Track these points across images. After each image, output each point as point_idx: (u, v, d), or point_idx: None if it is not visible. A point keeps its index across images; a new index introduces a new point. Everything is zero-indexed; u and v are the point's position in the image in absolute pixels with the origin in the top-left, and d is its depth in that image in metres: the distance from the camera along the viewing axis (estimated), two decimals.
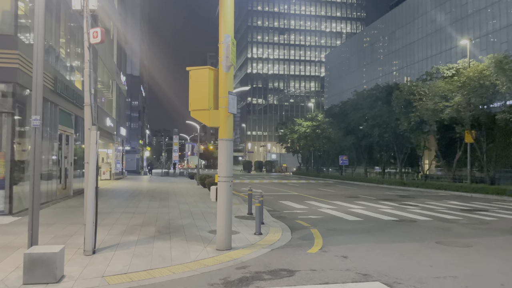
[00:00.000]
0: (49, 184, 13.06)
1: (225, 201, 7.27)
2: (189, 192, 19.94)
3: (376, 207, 15.23)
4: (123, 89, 35.14)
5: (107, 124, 25.39)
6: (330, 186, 29.78)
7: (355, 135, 35.21)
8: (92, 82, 6.99)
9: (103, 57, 23.80)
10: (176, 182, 29.93)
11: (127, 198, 15.83)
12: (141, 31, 62.33)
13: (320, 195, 21.39)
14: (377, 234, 9.39)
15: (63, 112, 14.77)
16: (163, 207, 13.11)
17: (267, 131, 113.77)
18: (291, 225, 10.36)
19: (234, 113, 7.42)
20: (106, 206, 12.98)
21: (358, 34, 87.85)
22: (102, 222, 9.55)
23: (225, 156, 7.36)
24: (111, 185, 24.47)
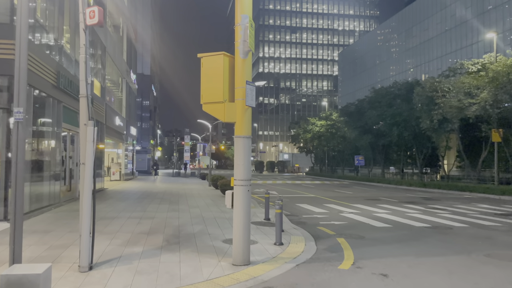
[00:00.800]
0: (51, 186, 12.22)
1: (242, 209, 6.25)
2: (200, 194, 19.00)
3: (402, 211, 14.08)
4: (133, 87, 34.42)
5: (116, 123, 24.62)
6: (346, 188, 28.59)
7: (372, 134, 33.91)
8: (89, 70, 6.02)
9: (112, 54, 23.03)
10: (187, 183, 29.06)
11: (135, 201, 14.94)
12: (152, 30, 61.77)
13: (338, 197, 20.27)
14: (413, 244, 8.28)
15: (68, 110, 13.94)
16: (172, 211, 12.16)
17: (279, 131, 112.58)
18: (314, 233, 9.31)
19: (252, 106, 6.40)
20: (112, 210, 12.08)
21: (372, 32, 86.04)
22: (104, 230, 8.62)
23: (243, 156, 6.34)
24: (121, 186, 23.68)
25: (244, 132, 6.34)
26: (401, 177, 33.89)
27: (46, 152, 11.96)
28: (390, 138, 30.92)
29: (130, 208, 12.54)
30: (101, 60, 19.91)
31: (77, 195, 15.36)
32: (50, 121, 12.10)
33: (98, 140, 17.71)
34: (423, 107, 25.41)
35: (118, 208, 12.60)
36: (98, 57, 19.28)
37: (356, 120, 36.25)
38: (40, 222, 9.49)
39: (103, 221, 9.82)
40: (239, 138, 6.35)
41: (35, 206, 11.06)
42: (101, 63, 19.96)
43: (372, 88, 33.69)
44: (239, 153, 6.36)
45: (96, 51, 18.73)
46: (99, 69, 19.65)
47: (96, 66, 19.05)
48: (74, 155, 15.10)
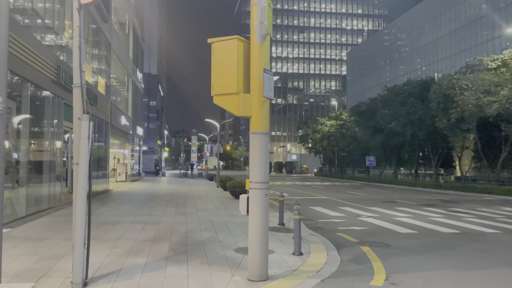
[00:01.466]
0: (51, 188, 11.51)
1: (259, 217, 5.43)
2: (208, 196, 18.23)
3: (423, 215, 13.17)
4: (139, 87, 33.79)
5: (122, 122, 23.95)
6: (358, 189, 27.67)
7: (384, 134, 32.89)
8: (84, 56, 5.26)
9: (117, 52, 22.36)
10: (195, 184, 28.32)
11: (140, 203, 14.19)
12: (159, 30, 61.26)
13: (352, 199, 19.38)
14: (448, 254, 7.41)
15: (70, 108, 13.22)
16: (180, 215, 11.38)
17: (286, 132, 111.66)
18: (334, 240, 8.47)
19: (270, 98, 5.59)
20: (115, 213, 11.33)
21: (382, 30, 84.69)
22: (105, 237, 7.86)
23: (260, 155, 5.53)
24: (126, 187, 22.99)
25: (261, 128, 5.53)
26: (415, 178, 32.83)
27: (46, 152, 11.26)
28: (403, 137, 29.91)
29: (135, 212, 11.78)
30: (106, 57, 19.24)
31: None
32: (50, 119, 11.39)
33: (95, 136, 17.01)
34: (440, 105, 24.40)
35: (122, 211, 11.85)
36: (103, 54, 18.60)
37: (367, 120, 35.27)
38: (36, 228, 8.76)
39: (104, 226, 9.06)
40: (255, 134, 5.54)
41: (33, 209, 10.35)
42: (106, 61, 19.28)
43: (385, 86, 32.68)
44: (255, 152, 5.54)
45: (100, 47, 18.06)
46: (104, 66, 18.97)
47: (101, 63, 18.37)
48: None
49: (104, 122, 18.71)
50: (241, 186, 16.43)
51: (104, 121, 18.77)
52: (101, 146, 18.34)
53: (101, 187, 18.31)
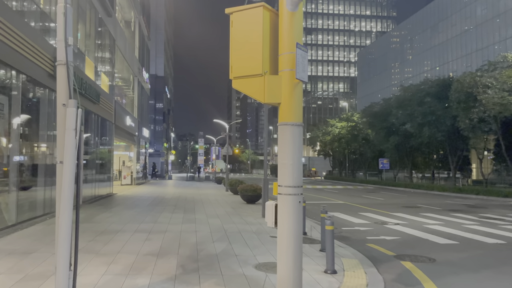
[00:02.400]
0: (48, 192, 10.46)
1: (292, 229, 4.31)
2: (218, 200, 17.12)
3: (455, 222, 11.96)
4: (145, 87, 32.85)
5: (127, 123, 22.96)
6: (373, 193, 26.43)
7: (399, 135, 31.59)
8: (70, 27, 4.17)
9: (122, 49, 21.40)
10: (202, 188, 27.25)
11: (145, 209, 13.12)
12: (166, 31, 60.48)
13: (370, 204, 18.17)
14: (509, 272, 6.22)
15: None
16: (188, 222, 10.28)
17: None
18: (367, 253, 7.32)
19: (304, 80, 4.46)
20: (117, 220, 10.25)
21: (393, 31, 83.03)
22: (102, 250, 6.76)
23: (292, 151, 4.40)
24: (131, 191, 21.97)
25: (293, 117, 4.41)
26: (432, 181, 31.46)
27: (41, 154, 10.23)
28: (420, 139, 28.61)
29: (139, 218, 10.69)
30: (110, 53, 18.27)
31: (80, 202, 13.61)
32: (46, 117, 10.36)
33: (98, 137, 15.99)
34: (461, 104, 23.12)
35: (125, 218, 10.77)
36: (107, 50, 17.63)
37: (381, 121, 34.00)
38: (25, 238, 7.71)
39: (104, 236, 7.98)
40: (286, 126, 4.41)
41: (26, 216, 9.31)
42: (110, 58, 18.31)
43: (400, 86, 31.41)
44: (286, 148, 4.41)
45: (104, 43, 17.09)
46: (108, 63, 17.99)
47: (104, 59, 17.40)
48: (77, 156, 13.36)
49: (107, 122, 17.71)
50: (253, 190, 15.31)
51: (108, 121, 17.77)
52: (104, 147, 17.33)
53: (104, 191, 17.29)
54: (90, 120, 14.70)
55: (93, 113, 14.93)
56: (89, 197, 14.69)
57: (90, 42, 15.15)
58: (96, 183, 15.67)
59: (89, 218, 10.32)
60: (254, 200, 15.51)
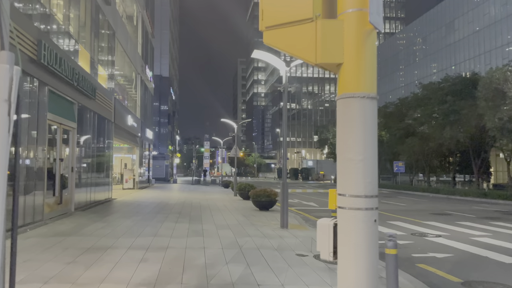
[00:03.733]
0: (30, 198, 8.89)
1: (364, 264, 2.67)
2: (227, 206, 15.49)
3: (505, 234, 10.27)
4: (149, 86, 31.38)
5: (129, 123, 21.44)
6: (392, 198, 24.71)
7: (416, 137, 29.84)
8: None
9: (123, 43, 19.92)
10: (209, 192, 25.64)
11: (145, 217, 11.52)
12: (171, 31, 59.17)
13: (394, 210, 16.47)
14: None
15: (57, 97, 10.68)
16: (194, 234, 8.65)
17: (301, 137, 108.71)
18: (424, 278, 5.71)
19: (380, 28, 2.82)
20: (110, 232, 8.65)
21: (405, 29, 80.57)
22: (82, 277, 5.13)
23: (363, 139, 2.77)
24: (133, 195, 20.41)
25: (364, 85, 2.79)
26: (453, 185, 29.61)
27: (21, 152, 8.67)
28: (440, 140, 26.83)
29: (136, 229, 9.09)
30: (109, 45, 16.76)
31: (73, 208, 12.05)
32: (28, 110, 8.82)
33: (95, 137, 14.47)
34: (488, 102, 21.36)
35: (120, 229, 9.17)
36: (105, 40, 16.12)
37: (396, 122, 32.28)
38: None
39: (89, 255, 6.37)
40: (353, 100, 2.78)
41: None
42: (109, 50, 16.80)
43: (420, 83, 29.65)
44: (353, 134, 2.78)
45: (102, 32, 15.58)
46: (106, 56, 16.48)
47: (102, 51, 15.89)
48: (69, 157, 11.82)
49: (106, 121, 16.18)
50: (266, 195, 13.65)
51: (107, 119, 16.24)
52: (102, 148, 15.79)
53: (102, 195, 15.73)
54: (84, 117, 13.16)
55: (88, 109, 13.40)
56: (83, 203, 13.13)
57: (85, 30, 13.65)
58: (91, 187, 14.11)
59: (77, 230, 8.73)
60: (268, 206, 13.86)
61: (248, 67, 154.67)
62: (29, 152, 8.97)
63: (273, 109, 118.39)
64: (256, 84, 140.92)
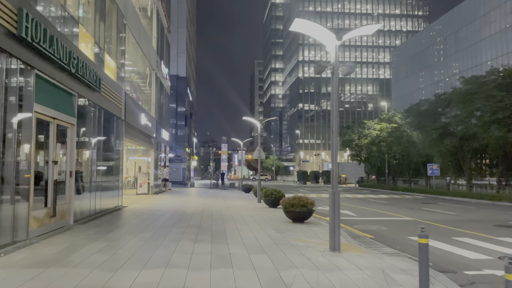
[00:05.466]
0: (6, 212, 6.88)
1: None
2: (253, 216, 13.29)
3: None
4: (165, 84, 29.52)
5: (142, 122, 19.51)
6: (431, 204, 22.12)
7: (456, 137, 27.12)
8: None
9: (136, 33, 18.01)
10: (229, 198, 23.51)
11: (157, 232, 9.42)
12: (188, 31, 57.50)
13: (446, 221, 14.04)
14: None
15: (51, 86, 8.71)
16: (220, 263, 6.48)
17: (320, 139, 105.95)
18: None
19: None
20: (107, 259, 6.56)
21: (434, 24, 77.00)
22: None
23: None
24: (146, 202, 18.43)
25: None
26: (498, 190, 26.75)
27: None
28: (486, 140, 24.10)
29: (143, 254, 6.97)
30: (118, 33, 14.82)
31: (72, 221, 10.04)
32: (7, 99, 6.83)
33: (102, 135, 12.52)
34: None
35: (122, 253, 7.07)
36: (113, 27, 14.18)
37: (432, 121, 29.58)
38: None
39: None
40: None
41: None
42: (118, 38, 14.86)
43: (462, 77, 26.92)
44: None
45: (109, 17, 13.64)
46: (115, 45, 14.54)
47: (111, 39, 13.95)
48: (67, 159, 9.84)
49: (115, 118, 14.22)
50: (302, 205, 11.41)
51: (116, 116, 14.29)
52: (110, 149, 13.83)
53: (110, 203, 13.76)
54: (87, 112, 11.19)
55: (92, 103, 11.43)
56: (86, 214, 11.14)
57: (88, 11, 11.71)
58: (97, 195, 12.13)
59: (66, 255, 6.66)
60: (303, 218, 11.62)
61: (265, 69, 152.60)
62: (10, 152, 6.98)
63: (291, 110, 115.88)
64: (274, 86, 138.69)
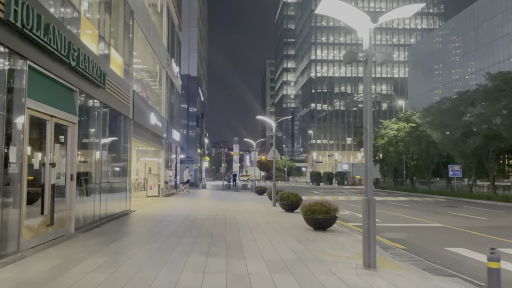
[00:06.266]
0: None
1: None
2: (270, 222, 12.29)
3: None
4: (176, 83, 28.70)
5: (152, 121, 18.66)
6: (457, 208, 20.83)
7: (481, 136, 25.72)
8: None
9: (145, 28, 17.18)
10: (243, 200, 22.54)
11: (165, 244, 8.48)
12: (199, 30, 56.82)
13: (479, 228, 12.82)
14: None
15: (47, 80, 7.85)
16: (237, 285, 5.50)
17: (333, 140, 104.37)
18: None
19: None
20: (104, 281, 5.62)
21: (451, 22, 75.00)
22: None
23: None
24: (155, 206, 17.56)
25: None
26: None
27: None
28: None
29: (146, 273, 6.02)
30: (125, 26, 13.97)
31: (73, 229, 9.17)
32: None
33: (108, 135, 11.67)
34: None
35: (122, 271, 6.13)
36: (120, 18, 13.33)
37: (453, 119, 28.22)
38: None
39: None
40: None
41: None
42: (125, 31, 14.01)
43: (488, 73, 25.54)
44: None
45: (115, 7, 12.80)
46: (122, 39, 13.69)
47: (117, 32, 13.10)
48: (66, 161, 8.97)
49: (122, 117, 13.37)
50: (324, 211, 10.36)
51: (123, 115, 13.44)
52: (117, 150, 12.98)
53: (117, 207, 12.89)
54: (91, 110, 10.33)
55: (96, 100, 10.56)
56: (89, 220, 10.27)
57: (91, 1, 10.85)
58: (102, 198, 11.26)
59: (56, 274, 5.74)
60: (325, 225, 10.58)
61: (277, 69, 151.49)
62: None
63: (304, 110, 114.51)
64: (286, 86, 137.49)
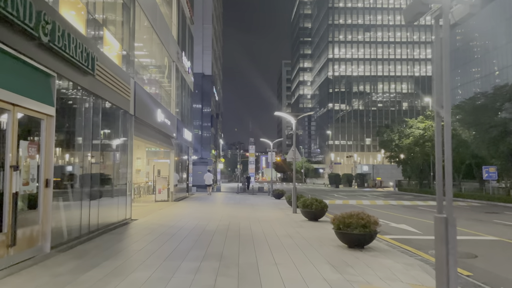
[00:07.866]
0: None
1: None
2: (292, 236, 10.31)
3: None
4: (188, 80, 26.98)
5: (159, 119, 16.91)
6: (501, 215, 18.48)
7: None
8: None
9: (150, 15, 15.44)
10: (259, 206, 20.59)
11: (157, 272, 6.61)
12: (214, 28, 55.22)
13: None
14: None
15: (6, 57, 6.08)
16: None
17: (351, 140, 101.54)
18: None
19: None
20: None
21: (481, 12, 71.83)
22: None
23: None
24: (162, 213, 15.78)
25: None
26: None
27: None
28: None
29: None
30: (125, 8, 12.22)
31: (47, 248, 7.38)
32: None
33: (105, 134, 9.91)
34: None
35: None
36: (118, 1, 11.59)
37: (489, 117, 25.77)
38: None
39: None
40: None
41: None
42: (124, 14, 12.26)
43: None
44: None
45: None
46: (120, 18, 11.94)
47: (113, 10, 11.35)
48: (40, 162, 7.19)
49: (120, 112, 11.62)
50: (362, 225, 8.33)
51: (122, 110, 11.68)
52: (113, 149, 11.21)
53: (114, 216, 11.12)
54: (77, 100, 8.55)
55: (83, 90, 8.78)
56: (75, 233, 8.47)
57: None
58: (93, 206, 9.48)
59: None
60: (363, 243, 8.54)
61: (293, 68, 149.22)
62: None
63: (321, 110, 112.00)
64: (302, 86, 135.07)
